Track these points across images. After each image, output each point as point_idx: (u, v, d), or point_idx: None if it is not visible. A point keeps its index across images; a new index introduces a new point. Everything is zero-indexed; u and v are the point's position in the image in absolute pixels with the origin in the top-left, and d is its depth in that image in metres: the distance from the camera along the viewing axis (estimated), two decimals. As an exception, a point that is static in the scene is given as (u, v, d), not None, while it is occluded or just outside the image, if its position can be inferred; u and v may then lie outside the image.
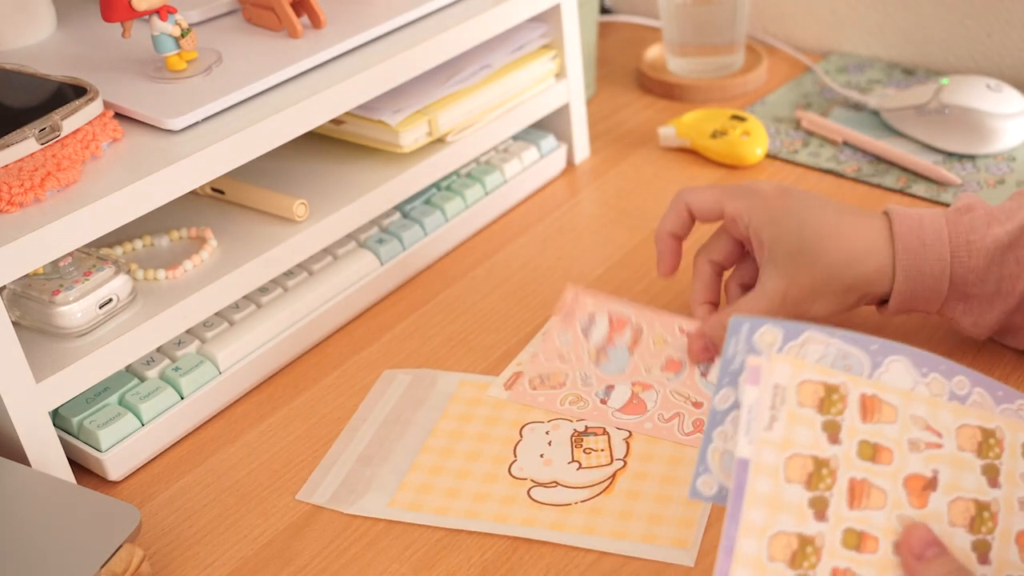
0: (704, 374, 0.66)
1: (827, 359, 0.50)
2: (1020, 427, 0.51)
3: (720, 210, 0.66)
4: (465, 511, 0.61)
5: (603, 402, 0.66)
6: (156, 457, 0.68)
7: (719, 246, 0.69)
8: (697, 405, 0.65)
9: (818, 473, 0.47)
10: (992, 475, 0.50)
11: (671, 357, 0.68)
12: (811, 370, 0.49)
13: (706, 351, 0.66)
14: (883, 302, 0.65)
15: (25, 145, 0.63)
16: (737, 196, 0.66)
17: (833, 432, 0.48)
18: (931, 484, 0.49)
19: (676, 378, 0.67)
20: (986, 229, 0.61)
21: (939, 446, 0.49)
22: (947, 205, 0.82)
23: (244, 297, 0.73)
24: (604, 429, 0.65)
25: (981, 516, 0.49)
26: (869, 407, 0.49)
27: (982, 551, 0.48)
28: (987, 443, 0.50)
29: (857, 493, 0.48)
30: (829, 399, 0.49)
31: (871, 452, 0.48)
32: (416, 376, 0.71)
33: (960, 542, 0.48)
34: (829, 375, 0.49)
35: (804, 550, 0.45)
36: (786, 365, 0.48)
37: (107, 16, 0.68)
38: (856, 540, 0.47)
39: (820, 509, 0.47)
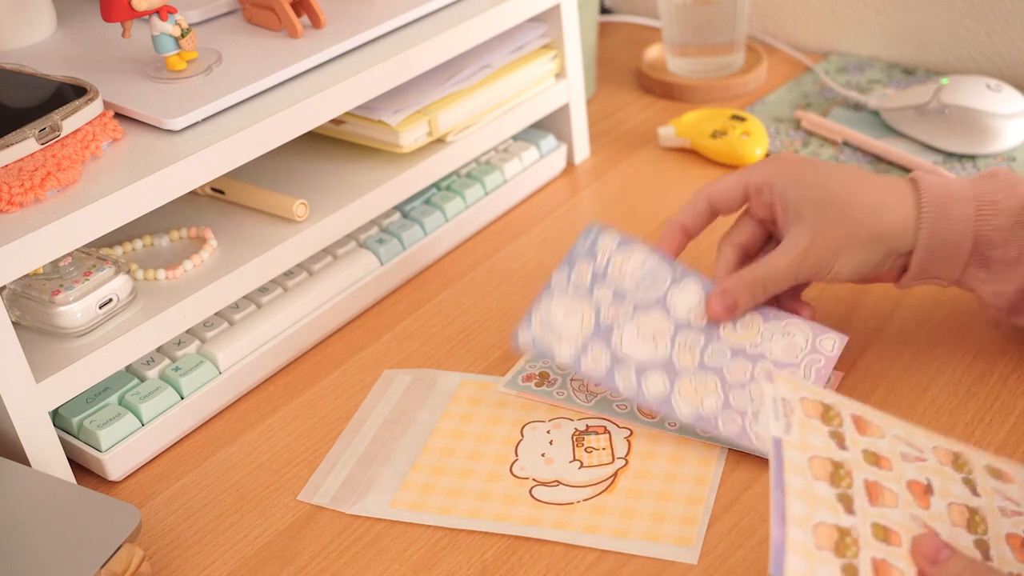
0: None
1: (646, 267, 0.68)
2: (976, 454, 0.54)
3: (743, 187, 0.66)
4: (467, 511, 0.61)
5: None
6: (156, 457, 0.68)
7: (743, 230, 0.68)
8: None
9: (837, 473, 0.49)
10: (971, 487, 0.52)
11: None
12: (807, 389, 0.52)
13: (728, 311, 0.66)
14: (902, 275, 0.65)
15: (25, 145, 0.63)
16: (759, 166, 0.66)
17: (839, 441, 0.50)
18: (928, 489, 0.51)
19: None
20: (1011, 189, 0.61)
21: (923, 460, 0.52)
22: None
23: (244, 297, 0.73)
24: (605, 428, 0.65)
25: (974, 519, 0.50)
26: (860, 424, 0.52)
27: (983, 550, 0.50)
28: (958, 461, 0.53)
29: (874, 492, 0.49)
30: (827, 414, 0.51)
31: (874, 459, 0.50)
32: (416, 376, 0.71)
33: (964, 541, 0.49)
34: (822, 395, 0.52)
35: (844, 540, 0.47)
36: (785, 384, 0.51)
37: (107, 16, 0.68)
38: (883, 534, 0.48)
39: (847, 504, 0.48)
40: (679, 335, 0.66)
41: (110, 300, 0.66)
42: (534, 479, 0.62)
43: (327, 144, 0.83)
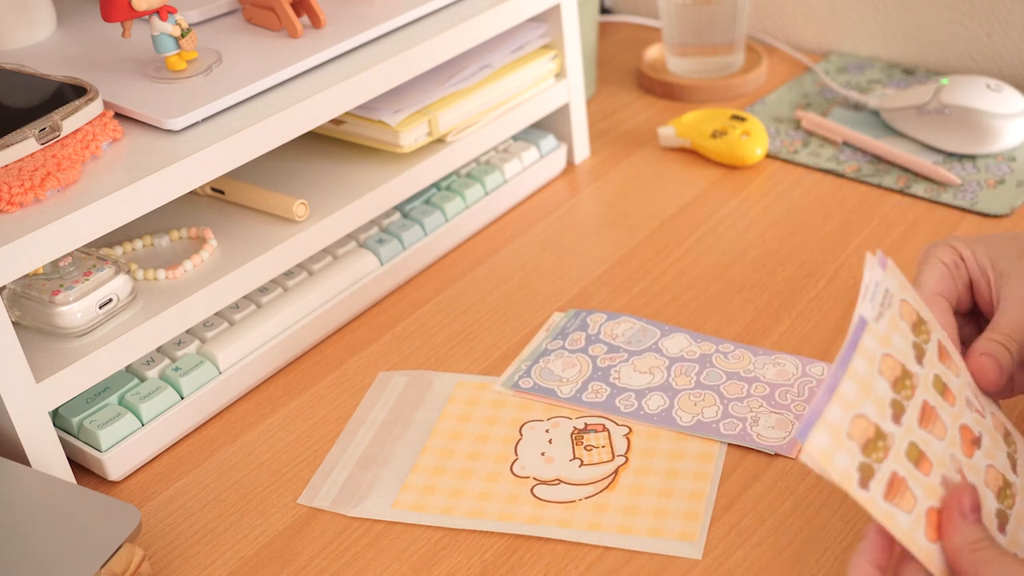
0: None
1: (635, 328, 0.72)
2: (1022, 440, 0.54)
3: (944, 269, 0.59)
4: (469, 511, 0.61)
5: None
6: (156, 457, 0.68)
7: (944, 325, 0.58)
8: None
9: (903, 380, 0.48)
10: (1013, 462, 0.52)
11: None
12: (909, 294, 0.51)
13: (1002, 374, 0.55)
14: None
15: (25, 145, 0.63)
16: (940, 246, 0.60)
17: (919, 354, 0.50)
18: (977, 441, 0.50)
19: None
20: None
21: (983, 415, 0.52)
22: (947, 205, 0.82)
23: (244, 297, 0.73)
24: (604, 426, 0.65)
25: (1005, 491, 0.50)
26: (943, 353, 0.51)
27: (1002, 520, 0.49)
28: (1009, 437, 0.53)
29: (928, 416, 0.49)
30: (919, 327, 0.50)
31: (942, 388, 0.50)
32: (412, 377, 0.71)
33: (989, 504, 0.49)
34: (920, 308, 0.51)
35: (877, 443, 0.46)
36: (895, 279, 0.50)
37: (107, 16, 0.68)
38: (917, 456, 0.47)
39: (897, 412, 0.47)
40: (674, 366, 0.69)
41: (110, 300, 0.66)
42: (535, 478, 0.62)
43: (327, 144, 0.83)
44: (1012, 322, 0.56)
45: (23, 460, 0.62)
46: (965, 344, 0.57)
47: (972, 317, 0.60)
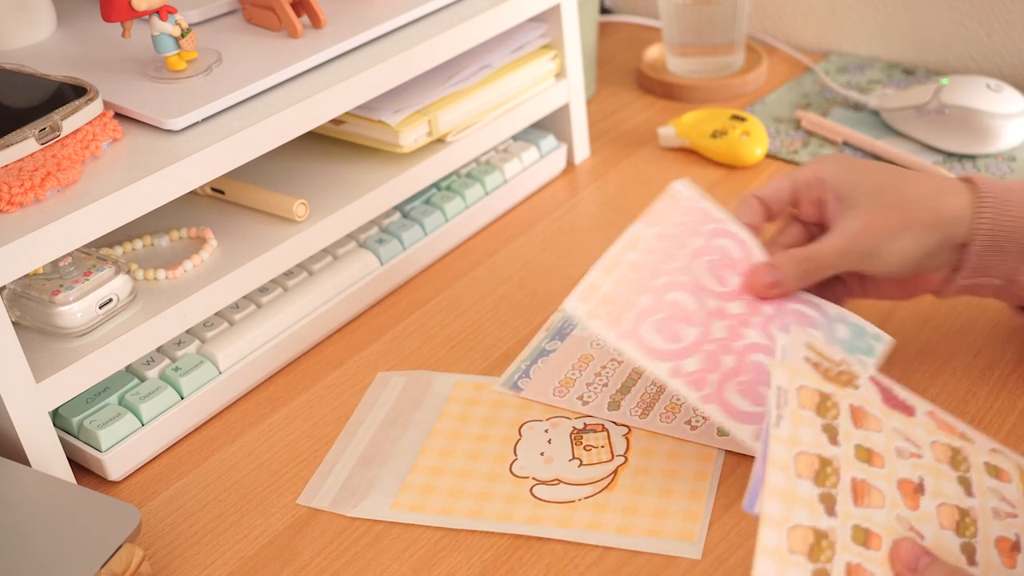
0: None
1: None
2: (976, 450, 0.53)
3: (790, 186, 0.64)
4: (469, 511, 0.61)
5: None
6: (156, 457, 0.68)
7: (789, 233, 0.66)
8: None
9: (824, 471, 0.48)
10: (966, 486, 0.51)
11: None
12: (806, 377, 0.51)
13: (772, 286, 0.62)
14: (950, 274, 0.63)
15: (25, 145, 0.63)
16: (807, 165, 0.65)
17: (832, 435, 0.50)
18: (919, 488, 0.50)
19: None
20: None
21: (919, 456, 0.51)
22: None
23: (244, 297, 0.73)
24: (603, 426, 0.65)
25: (964, 521, 0.50)
26: (858, 415, 0.51)
27: (970, 553, 0.49)
28: (956, 458, 0.52)
29: (860, 492, 0.49)
30: (824, 404, 0.51)
31: (866, 455, 0.50)
32: (411, 378, 0.71)
33: (951, 544, 0.49)
34: (821, 384, 0.51)
35: (820, 544, 0.46)
36: (784, 370, 0.51)
37: (107, 16, 0.68)
38: (863, 537, 0.48)
39: (829, 505, 0.48)
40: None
41: (110, 300, 0.66)
42: (534, 478, 0.62)
43: (327, 144, 0.83)
44: (820, 247, 0.62)
45: (23, 460, 0.62)
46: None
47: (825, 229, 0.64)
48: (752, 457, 0.62)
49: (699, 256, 0.63)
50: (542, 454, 0.64)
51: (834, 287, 0.66)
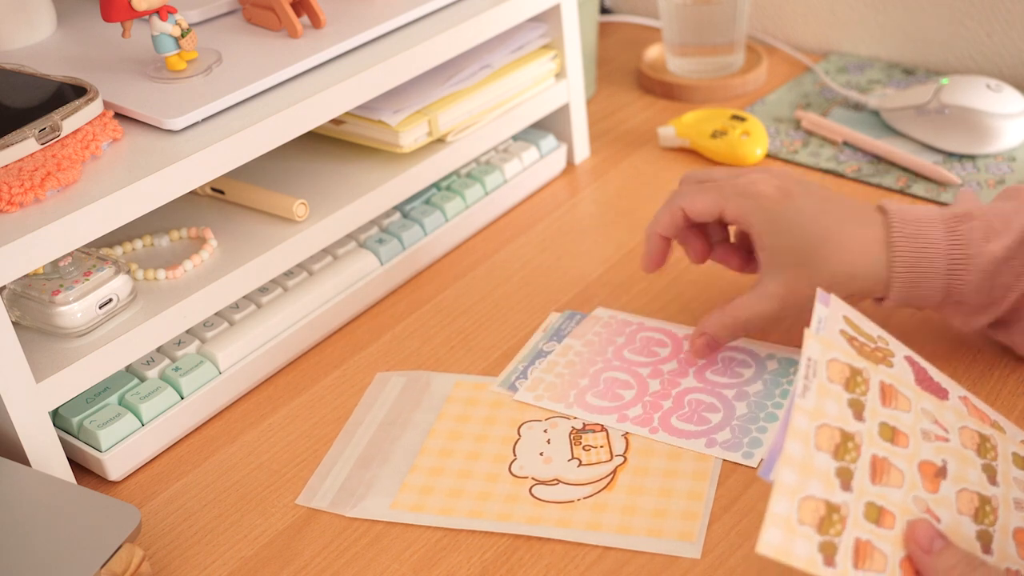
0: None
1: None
2: (1006, 439, 0.53)
3: (718, 213, 0.66)
4: (468, 511, 0.61)
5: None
6: (156, 457, 0.68)
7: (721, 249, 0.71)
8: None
9: (844, 445, 0.48)
10: (990, 474, 0.51)
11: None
12: (839, 351, 0.51)
13: (709, 347, 0.68)
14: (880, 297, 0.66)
15: (25, 145, 0.63)
16: (736, 199, 0.65)
17: (857, 410, 0.50)
18: (941, 472, 0.50)
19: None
20: (983, 244, 0.61)
21: (946, 439, 0.51)
22: (947, 205, 0.82)
23: (244, 297, 0.73)
24: (602, 426, 0.65)
25: (984, 509, 0.50)
26: (888, 393, 0.51)
27: (985, 541, 0.49)
28: (984, 446, 0.52)
29: (879, 469, 0.49)
30: (854, 380, 0.50)
31: (890, 434, 0.50)
32: (410, 378, 0.71)
33: (966, 530, 0.49)
34: (853, 359, 0.51)
35: (831, 517, 0.46)
36: (817, 342, 0.51)
37: (107, 16, 0.68)
38: (876, 514, 0.48)
39: (846, 479, 0.47)
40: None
41: (110, 300, 0.66)
42: (533, 478, 0.62)
43: (327, 144, 0.83)
44: (746, 312, 0.66)
45: (23, 460, 0.62)
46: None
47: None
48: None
49: (625, 347, 0.71)
50: (541, 454, 0.64)
51: None
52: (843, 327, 0.53)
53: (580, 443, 0.64)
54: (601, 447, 0.64)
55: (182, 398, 0.68)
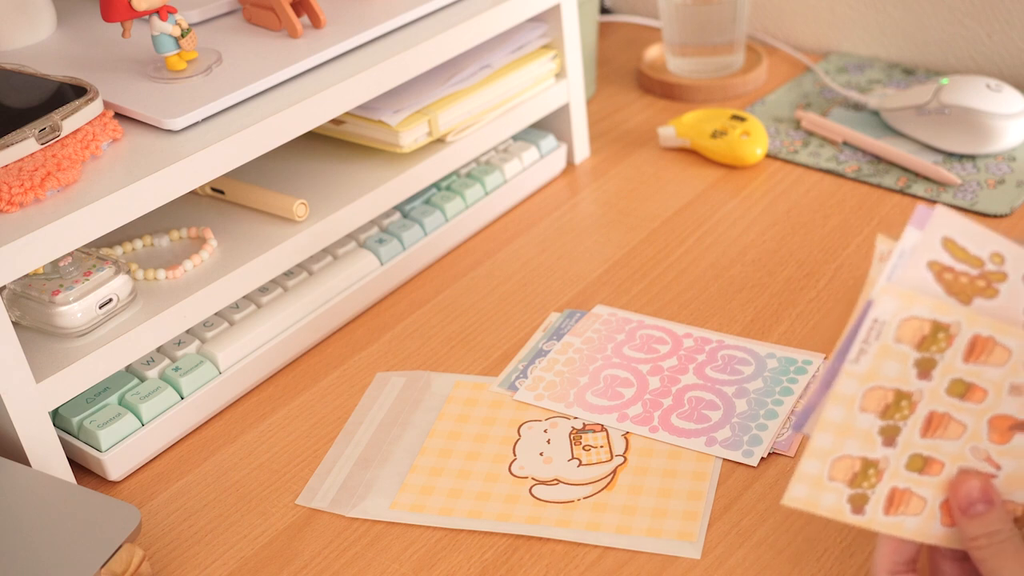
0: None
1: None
2: None
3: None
4: (468, 511, 0.61)
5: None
6: (156, 457, 0.68)
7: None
8: None
9: (896, 404, 0.46)
10: None
11: None
12: (921, 305, 0.46)
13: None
14: None
15: (25, 145, 0.63)
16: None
17: (925, 368, 0.46)
18: (1019, 426, 0.47)
19: None
20: None
21: None
22: (947, 205, 0.82)
23: (244, 297, 0.73)
24: (602, 426, 0.65)
25: None
26: (979, 347, 0.46)
27: None
28: None
29: (934, 424, 0.46)
30: (933, 337, 0.46)
31: (963, 389, 0.47)
32: (410, 378, 0.71)
33: None
34: (941, 312, 0.46)
35: (866, 472, 0.45)
36: (893, 299, 0.45)
37: (107, 16, 0.68)
38: (921, 464, 0.46)
39: (890, 436, 0.46)
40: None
41: (110, 300, 0.66)
42: (533, 478, 0.62)
43: (327, 144, 0.83)
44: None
45: (23, 460, 0.62)
46: None
47: None
48: (752, 457, 0.62)
49: (625, 344, 0.71)
50: (541, 454, 0.64)
51: None
52: (937, 256, 0.46)
53: (580, 443, 0.64)
54: (601, 447, 0.64)
55: (182, 398, 0.68)
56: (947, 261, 0.46)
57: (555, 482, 0.62)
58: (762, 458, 0.62)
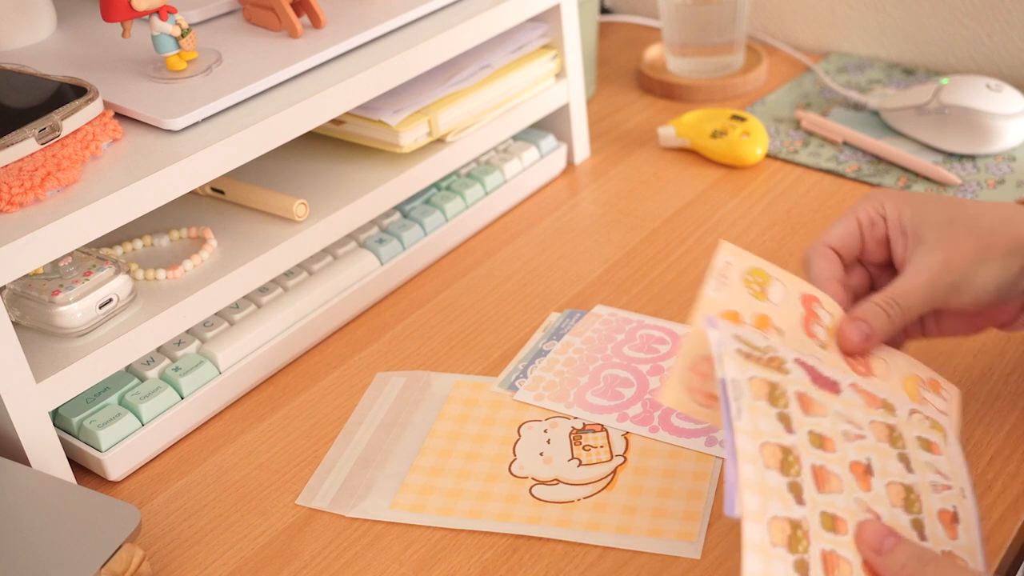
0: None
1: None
2: (906, 423, 0.53)
3: (855, 224, 0.60)
4: (468, 511, 0.61)
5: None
6: (156, 457, 0.68)
7: (853, 278, 0.62)
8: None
9: (786, 460, 0.48)
10: (906, 463, 0.51)
11: None
12: (754, 368, 0.50)
13: (865, 339, 0.57)
14: (1019, 314, 0.60)
15: (25, 145, 0.63)
16: (864, 201, 0.60)
17: (787, 423, 0.49)
18: (868, 470, 0.50)
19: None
20: None
21: (863, 436, 0.51)
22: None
23: (244, 297, 0.73)
24: (602, 426, 0.65)
25: (909, 498, 0.50)
26: (805, 402, 0.51)
27: (919, 529, 0.49)
28: (892, 436, 0.52)
29: (820, 478, 0.48)
30: (773, 394, 0.50)
31: (818, 441, 0.50)
32: (410, 378, 0.71)
33: (903, 522, 0.49)
34: (768, 373, 0.50)
35: (796, 534, 0.46)
36: (733, 363, 0.50)
37: (107, 16, 0.68)
38: (831, 522, 0.47)
39: (798, 494, 0.47)
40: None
41: (110, 300, 0.66)
42: (533, 478, 0.62)
43: (327, 144, 0.83)
44: (905, 287, 0.57)
45: (23, 460, 0.62)
46: (857, 295, 0.61)
47: (889, 268, 0.61)
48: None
49: (625, 344, 0.71)
50: (541, 454, 0.64)
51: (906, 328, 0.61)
52: (737, 345, 0.51)
53: (580, 443, 0.64)
54: (601, 447, 0.64)
55: (182, 398, 0.68)
56: (745, 349, 0.51)
57: (555, 482, 0.62)
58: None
